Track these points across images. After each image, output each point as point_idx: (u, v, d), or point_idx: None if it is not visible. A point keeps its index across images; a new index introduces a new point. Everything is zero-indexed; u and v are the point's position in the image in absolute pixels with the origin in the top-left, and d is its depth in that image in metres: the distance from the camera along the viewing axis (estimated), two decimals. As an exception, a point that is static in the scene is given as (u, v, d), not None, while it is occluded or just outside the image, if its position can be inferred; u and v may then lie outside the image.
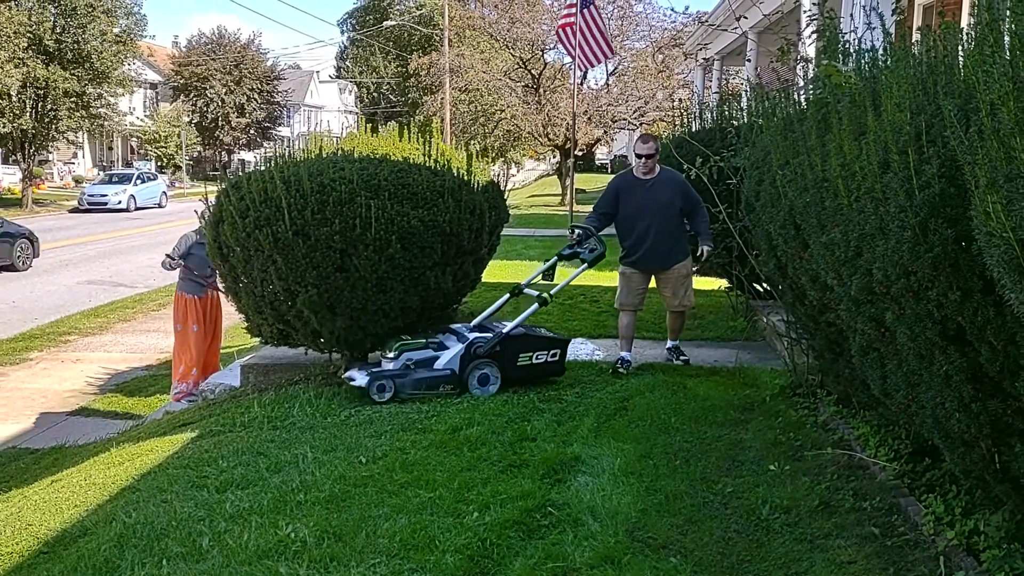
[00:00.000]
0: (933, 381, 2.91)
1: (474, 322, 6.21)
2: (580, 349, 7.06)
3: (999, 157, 2.05)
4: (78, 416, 8.39)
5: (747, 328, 7.68)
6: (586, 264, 6.33)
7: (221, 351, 8.70)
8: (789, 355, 5.69)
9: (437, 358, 5.78)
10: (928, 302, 2.80)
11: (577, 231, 6.42)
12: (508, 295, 6.39)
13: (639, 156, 6.38)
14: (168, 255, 8.12)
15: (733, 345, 7.21)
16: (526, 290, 6.40)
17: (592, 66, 17.42)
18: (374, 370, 5.76)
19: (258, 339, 6.71)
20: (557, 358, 6.00)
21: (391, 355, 5.79)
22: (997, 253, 2.12)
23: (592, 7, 15.42)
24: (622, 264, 6.54)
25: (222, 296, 8.07)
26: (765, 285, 7.13)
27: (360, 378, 5.72)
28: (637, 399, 5.51)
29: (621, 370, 6.28)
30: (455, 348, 5.80)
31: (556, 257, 6.44)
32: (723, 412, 5.21)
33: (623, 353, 6.47)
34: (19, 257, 16.74)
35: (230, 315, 7.54)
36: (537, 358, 5.92)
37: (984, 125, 2.13)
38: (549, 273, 6.48)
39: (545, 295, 6.25)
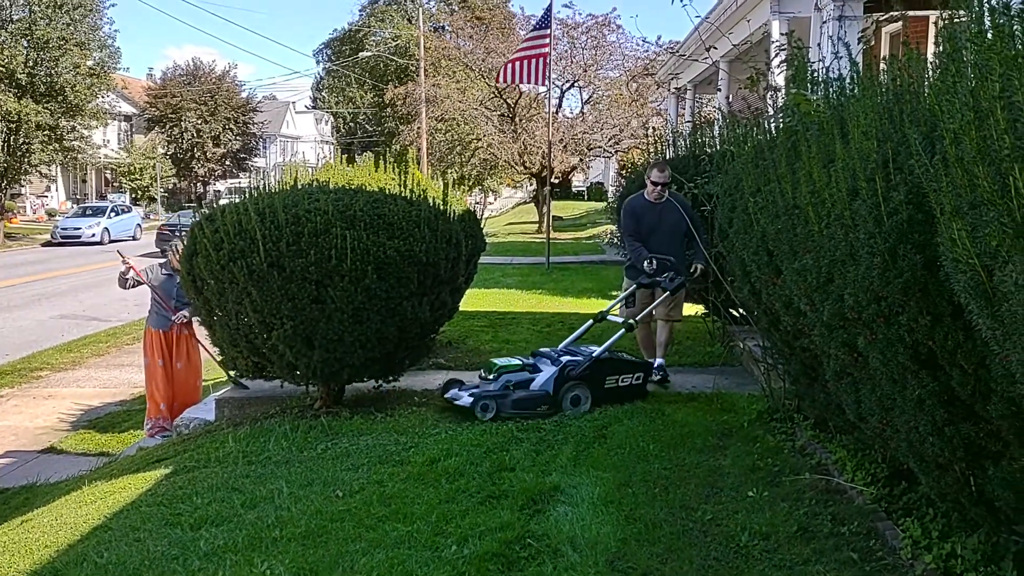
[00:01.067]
0: (906, 405, 2.93)
1: (561, 346, 6.45)
2: None
3: (963, 185, 2.09)
4: (49, 454, 8.24)
5: (724, 353, 7.71)
6: (667, 292, 6.64)
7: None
8: (766, 380, 5.72)
9: (533, 380, 5.95)
10: (899, 327, 2.83)
11: (655, 261, 6.70)
12: (592, 322, 6.74)
13: (656, 184, 6.87)
14: (130, 272, 8.07)
15: (711, 371, 7.23)
16: (608, 316, 6.81)
17: (529, 82, 18.05)
18: (476, 391, 5.92)
19: (233, 372, 6.64)
20: (640, 381, 6.23)
21: (491, 377, 5.98)
22: (963, 279, 2.15)
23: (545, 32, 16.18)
24: (629, 280, 7.00)
25: (196, 329, 8.03)
26: (741, 310, 7.18)
27: (464, 399, 5.87)
28: (615, 427, 5.50)
29: (662, 379, 6.69)
30: (549, 371, 5.97)
31: (636, 285, 6.81)
32: (702, 438, 5.21)
33: (654, 360, 6.80)
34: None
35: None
36: (623, 380, 6.14)
37: (948, 153, 2.17)
38: (631, 301, 6.89)
39: (631, 321, 6.59)
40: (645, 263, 6.70)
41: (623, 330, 6.43)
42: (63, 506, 5.33)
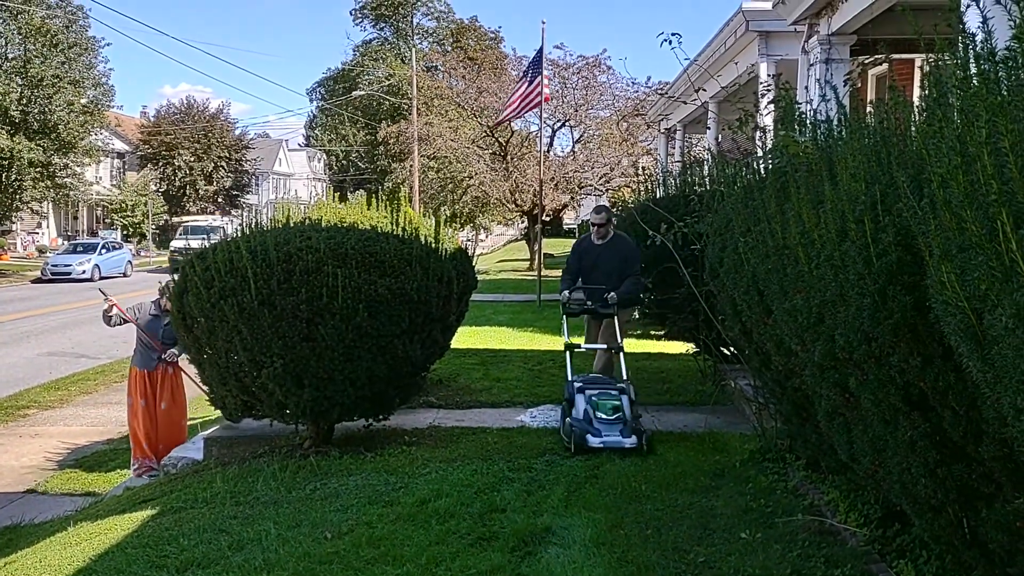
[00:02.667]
0: (899, 446, 2.92)
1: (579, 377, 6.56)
2: (550, 416, 7.03)
3: (952, 228, 2.10)
4: (35, 494, 8.13)
5: (716, 392, 7.70)
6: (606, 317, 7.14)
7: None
8: (758, 420, 5.70)
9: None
10: (890, 368, 2.83)
11: (572, 293, 7.18)
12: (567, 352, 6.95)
13: (593, 225, 7.49)
14: (113, 310, 8.03)
15: (702, 410, 7.21)
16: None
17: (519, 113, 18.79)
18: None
19: (222, 411, 6.59)
20: None
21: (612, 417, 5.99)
22: (953, 322, 2.16)
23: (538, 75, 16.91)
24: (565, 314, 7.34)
25: (182, 368, 7.98)
26: (732, 349, 7.18)
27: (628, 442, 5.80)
28: (608, 466, 5.46)
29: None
30: (626, 400, 6.16)
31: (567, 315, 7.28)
32: (694, 478, 5.18)
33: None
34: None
35: (193, 386, 7.41)
36: None
37: (936, 197, 2.19)
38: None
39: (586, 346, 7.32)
40: (563, 294, 7.22)
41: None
42: (47, 547, 5.25)
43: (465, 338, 10.03)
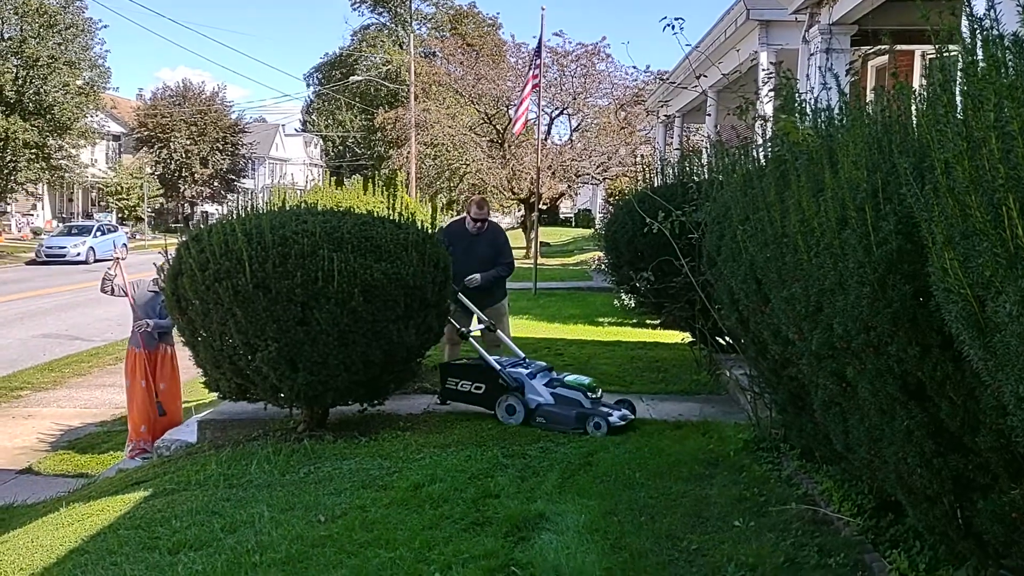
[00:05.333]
0: (895, 436, 2.91)
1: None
2: None
3: (955, 214, 2.08)
4: (27, 474, 8.11)
5: (711, 382, 7.70)
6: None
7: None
8: (753, 409, 5.70)
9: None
10: (888, 357, 2.82)
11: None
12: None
13: (475, 220, 7.63)
14: (117, 276, 7.96)
15: (697, 399, 7.21)
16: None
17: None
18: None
19: (216, 394, 6.57)
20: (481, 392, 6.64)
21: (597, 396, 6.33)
22: (955, 309, 2.14)
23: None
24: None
25: (177, 348, 7.96)
26: (728, 339, 7.18)
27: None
28: (602, 454, 5.46)
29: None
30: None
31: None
32: (688, 467, 5.18)
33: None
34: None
35: (189, 368, 7.38)
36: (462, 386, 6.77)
37: (939, 183, 2.17)
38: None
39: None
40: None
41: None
42: (39, 528, 5.23)
43: (460, 325, 10.00)
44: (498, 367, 6.53)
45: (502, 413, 6.40)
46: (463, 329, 7.19)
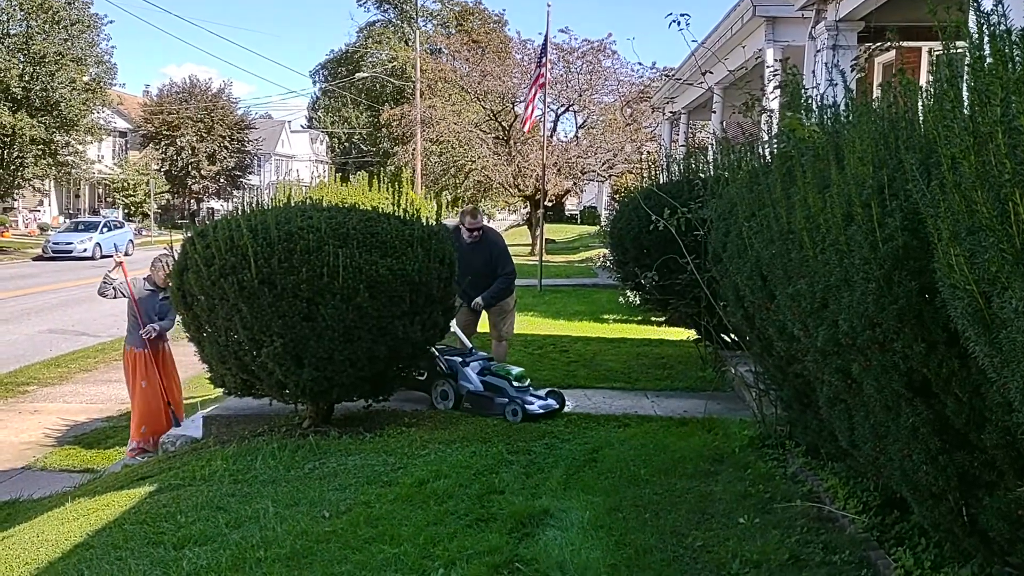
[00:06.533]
0: (900, 433, 2.91)
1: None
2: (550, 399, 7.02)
3: (961, 210, 2.08)
4: (33, 470, 8.13)
5: (716, 379, 7.69)
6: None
7: (184, 402, 8.52)
8: (758, 406, 5.69)
9: None
10: (894, 354, 2.81)
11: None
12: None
13: (469, 230, 7.72)
14: (119, 276, 7.91)
15: (702, 395, 7.20)
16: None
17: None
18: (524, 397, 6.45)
19: (221, 390, 6.58)
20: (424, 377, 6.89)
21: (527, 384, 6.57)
22: (961, 305, 2.13)
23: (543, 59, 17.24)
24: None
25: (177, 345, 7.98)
26: (733, 335, 7.17)
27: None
28: (607, 450, 5.46)
29: None
30: None
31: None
32: (693, 464, 5.18)
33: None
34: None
35: (195, 365, 7.40)
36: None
37: (946, 179, 2.16)
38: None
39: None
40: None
41: None
42: (45, 523, 5.25)
43: (466, 321, 10.02)
44: (436, 353, 6.74)
45: (437, 398, 6.74)
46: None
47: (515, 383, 6.49)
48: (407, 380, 6.80)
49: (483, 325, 8.03)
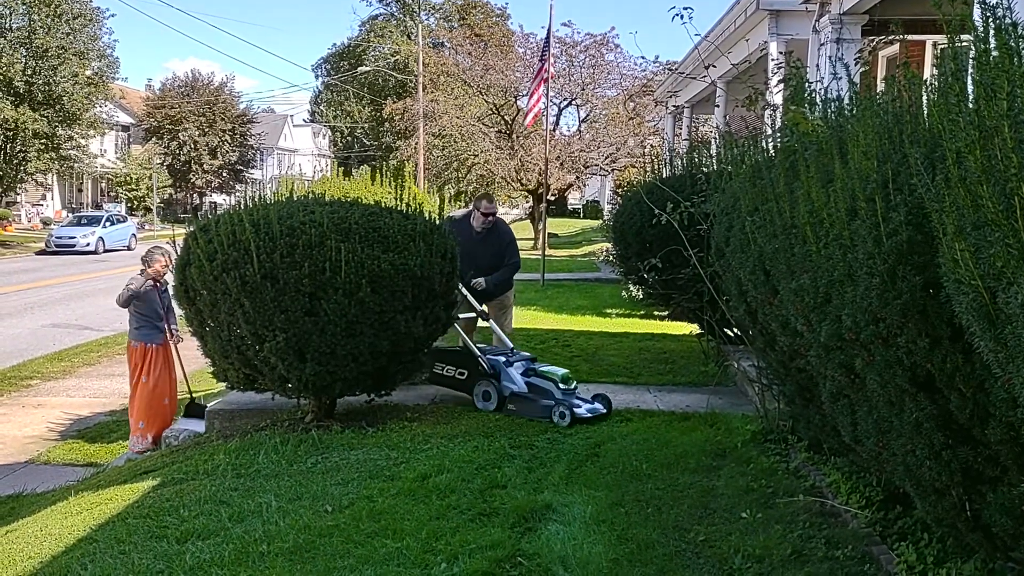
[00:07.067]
0: (904, 428, 2.90)
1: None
2: None
3: (966, 205, 2.06)
4: (37, 464, 8.15)
5: (719, 373, 7.68)
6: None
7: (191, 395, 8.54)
8: (760, 401, 5.68)
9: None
10: (897, 349, 2.80)
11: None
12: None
13: (485, 215, 7.52)
14: (131, 289, 7.89)
15: (705, 390, 7.19)
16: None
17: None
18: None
19: (224, 384, 6.59)
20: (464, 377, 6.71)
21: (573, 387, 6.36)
22: (966, 300, 2.13)
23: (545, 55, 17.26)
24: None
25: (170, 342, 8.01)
26: (736, 330, 7.16)
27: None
28: (609, 445, 5.46)
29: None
30: None
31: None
32: (695, 458, 5.17)
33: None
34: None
35: (197, 359, 7.40)
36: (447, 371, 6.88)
37: (951, 173, 2.15)
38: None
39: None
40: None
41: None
42: (48, 517, 5.26)
43: (468, 315, 10.03)
44: (478, 353, 6.61)
45: (478, 399, 6.52)
46: (482, 309, 7.23)
47: (561, 385, 6.28)
48: (448, 380, 6.75)
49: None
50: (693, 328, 8.63)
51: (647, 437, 5.64)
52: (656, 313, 11.68)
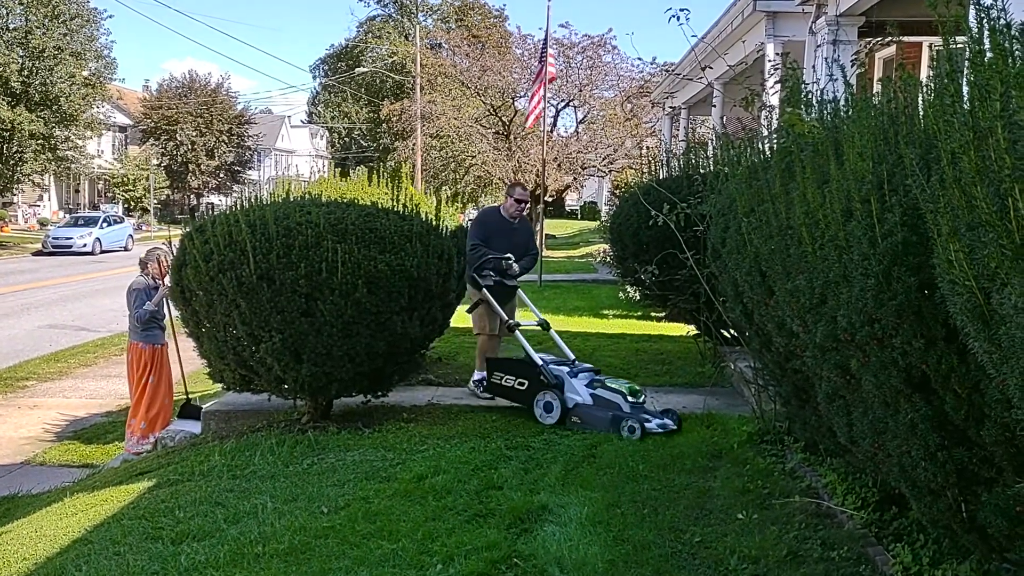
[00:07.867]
0: (899, 429, 2.90)
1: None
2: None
3: (961, 206, 2.07)
4: (33, 465, 8.14)
5: (715, 374, 7.68)
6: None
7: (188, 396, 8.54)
8: (756, 402, 5.68)
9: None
10: (893, 350, 2.80)
11: (502, 261, 7.03)
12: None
13: (519, 201, 7.29)
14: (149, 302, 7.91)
15: (701, 391, 7.19)
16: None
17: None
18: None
19: (220, 385, 6.58)
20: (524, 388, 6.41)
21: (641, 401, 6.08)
22: (960, 301, 2.13)
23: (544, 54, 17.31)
24: (487, 291, 6.95)
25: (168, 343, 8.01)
26: (732, 331, 7.17)
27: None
28: (605, 446, 5.45)
29: (480, 392, 6.88)
30: None
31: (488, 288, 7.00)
32: (691, 459, 5.17)
33: (482, 374, 6.92)
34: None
35: (193, 360, 7.39)
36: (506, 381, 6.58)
37: (946, 174, 2.15)
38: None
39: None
40: (503, 262, 7.01)
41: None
42: (43, 518, 5.25)
43: (465, 317, 10.01)
44: (540, 363, 6.34)
45: (539, 411, 6.16)
46: (511, 321, 6.97)
47: (630, 398, 5.99)
48: (507, 391, 6.49)
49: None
50: (690, 329, 8.62)
51: (643, 438, 5.63)
52: (653, 314, 11.68)
